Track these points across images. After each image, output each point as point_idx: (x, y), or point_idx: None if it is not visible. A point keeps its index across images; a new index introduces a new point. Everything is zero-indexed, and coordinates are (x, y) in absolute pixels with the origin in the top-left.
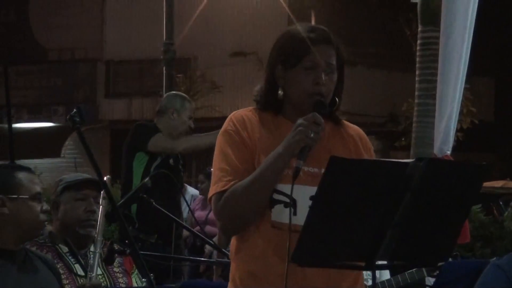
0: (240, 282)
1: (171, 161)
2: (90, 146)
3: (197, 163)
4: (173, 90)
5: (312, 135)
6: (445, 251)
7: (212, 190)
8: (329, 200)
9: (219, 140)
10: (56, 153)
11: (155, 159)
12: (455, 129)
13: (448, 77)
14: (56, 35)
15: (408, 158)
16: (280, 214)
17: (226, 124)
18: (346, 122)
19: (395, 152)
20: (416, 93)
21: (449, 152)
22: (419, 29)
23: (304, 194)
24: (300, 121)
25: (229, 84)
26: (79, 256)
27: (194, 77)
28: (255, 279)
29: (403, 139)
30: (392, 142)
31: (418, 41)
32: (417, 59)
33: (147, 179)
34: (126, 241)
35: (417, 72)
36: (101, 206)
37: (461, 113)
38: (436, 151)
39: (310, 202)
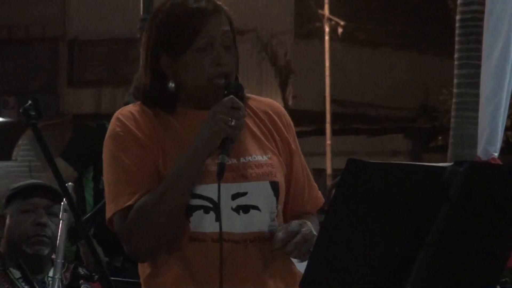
0: None
1: None
2: (49, 146)
3: None
4: None
5: (233, 122)
6: (492, 277)
7: (111, 209)
8: (346, 212)
9: (108, 146)
10: (6, 155)
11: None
12: (503, 126)
13: (494, 62)
14: (6, 8)
15: (445, 161)
16: (201, 222)
17: (112, 125)
18: (253, 97)
19: (429, 154)
20: (455, 81)
21: (496, 154)
22: (459, 1)
23: (223, 193)
24: (216, 108)
25: None
26: (34, 283)
27: None
28: None
29: (439, 138)
30: (425, 142)
31: (458, 17)
32: (456, 38)
33: None
34: (84, 264)
35: (456, 55)
36: (61, 221)
37: (511, 106)
38: (480, 152)
39: (232, 203)
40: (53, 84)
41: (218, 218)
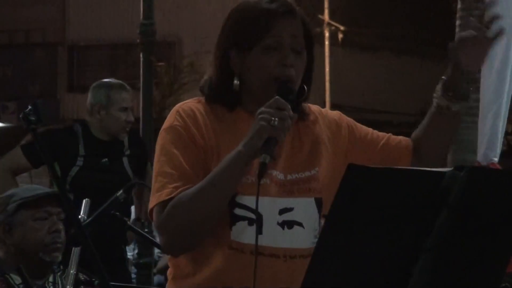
0: None
1: (104, 160)
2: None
3: None
4: (152, 81)
5: (275, 122)
6: (492, 282)
7: (154, 200)
8: (346, 218)
9: (163, 138)
10: None
11: (69, 169)
12: (503, 131)
13: (494, 66)
14: (7, 13)
15: (445, 166)
16: (242, 233)
17: (171, 118)
18: (321, 110)
19: None
20: None
21: (496, 159)
22: (459, 6)
23: (271, 207)
24: (260, 109)
25: None
26: None
27: (180, 66)
28: None
29: None
30: None
31: (457, 22)
32: None
33: (120, 192)
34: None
35: None
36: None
37: (511, 111)
38: (480, 158)
39: (279, 218)
40: (53, 89)
41: (259, 231)
